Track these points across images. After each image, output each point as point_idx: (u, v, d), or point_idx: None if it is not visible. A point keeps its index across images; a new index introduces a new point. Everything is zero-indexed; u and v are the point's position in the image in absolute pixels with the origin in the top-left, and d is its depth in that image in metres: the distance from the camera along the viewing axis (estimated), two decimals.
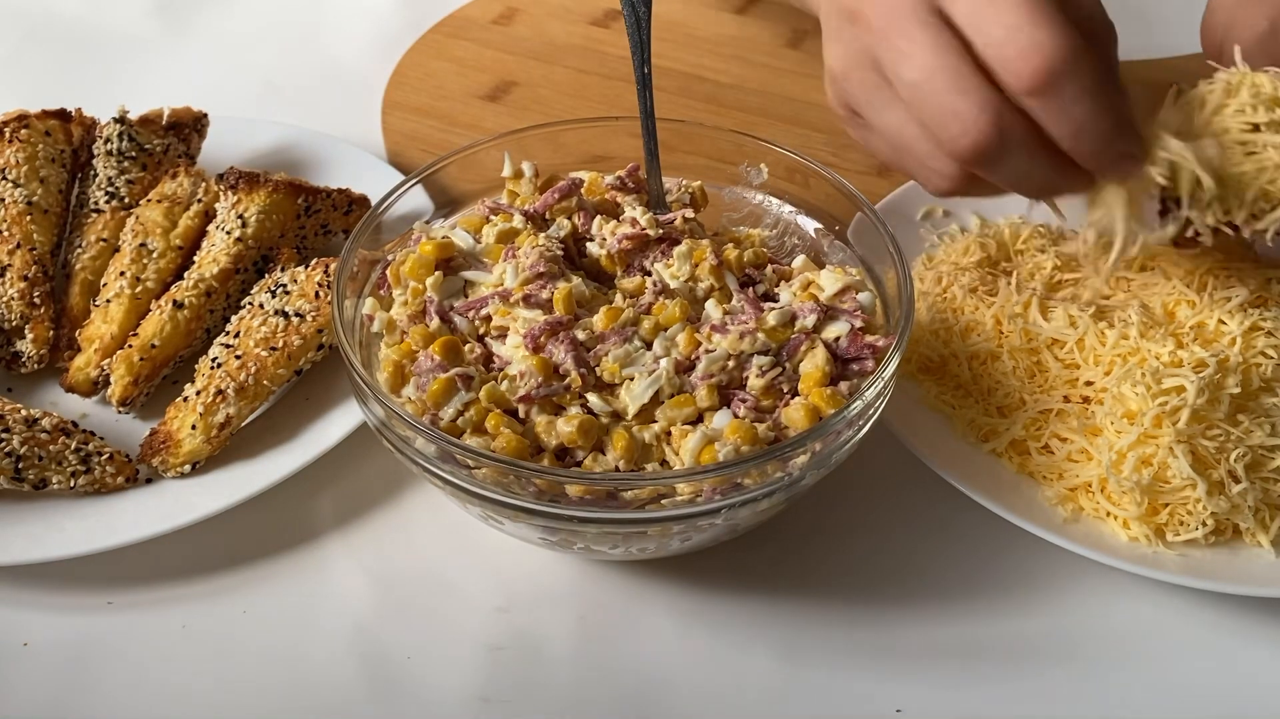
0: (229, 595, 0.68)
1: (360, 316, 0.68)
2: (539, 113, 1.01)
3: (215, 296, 0.78)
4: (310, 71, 1.09)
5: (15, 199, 0.81)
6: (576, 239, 0.71)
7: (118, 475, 0.71)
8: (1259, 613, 0.67)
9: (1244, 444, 0.67)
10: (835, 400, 0.62)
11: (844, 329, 0.65)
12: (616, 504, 0.58)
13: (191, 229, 0.82)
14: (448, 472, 0.60)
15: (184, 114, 0.88)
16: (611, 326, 0.64)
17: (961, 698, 0.64)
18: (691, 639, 0.66)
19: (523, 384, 0.62)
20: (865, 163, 0.94)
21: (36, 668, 0.65)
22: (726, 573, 0.69)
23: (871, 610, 0.67)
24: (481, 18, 1.12)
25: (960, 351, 0.74)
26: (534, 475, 0.58)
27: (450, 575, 0.69)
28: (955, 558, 0.70)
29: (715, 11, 1.12)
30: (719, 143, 0.78)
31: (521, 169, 0.74)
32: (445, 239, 0.69)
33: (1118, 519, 0.67)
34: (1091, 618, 0.67)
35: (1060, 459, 0.69)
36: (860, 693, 0.64)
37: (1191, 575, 0.64)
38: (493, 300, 0.66)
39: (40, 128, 0.85)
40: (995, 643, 0.66)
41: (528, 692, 0.64)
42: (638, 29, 0.73)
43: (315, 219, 0.83)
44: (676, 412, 0.62)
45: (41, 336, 0.77)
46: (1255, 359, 0.70)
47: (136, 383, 0.75)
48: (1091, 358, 0.71)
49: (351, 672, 0.65)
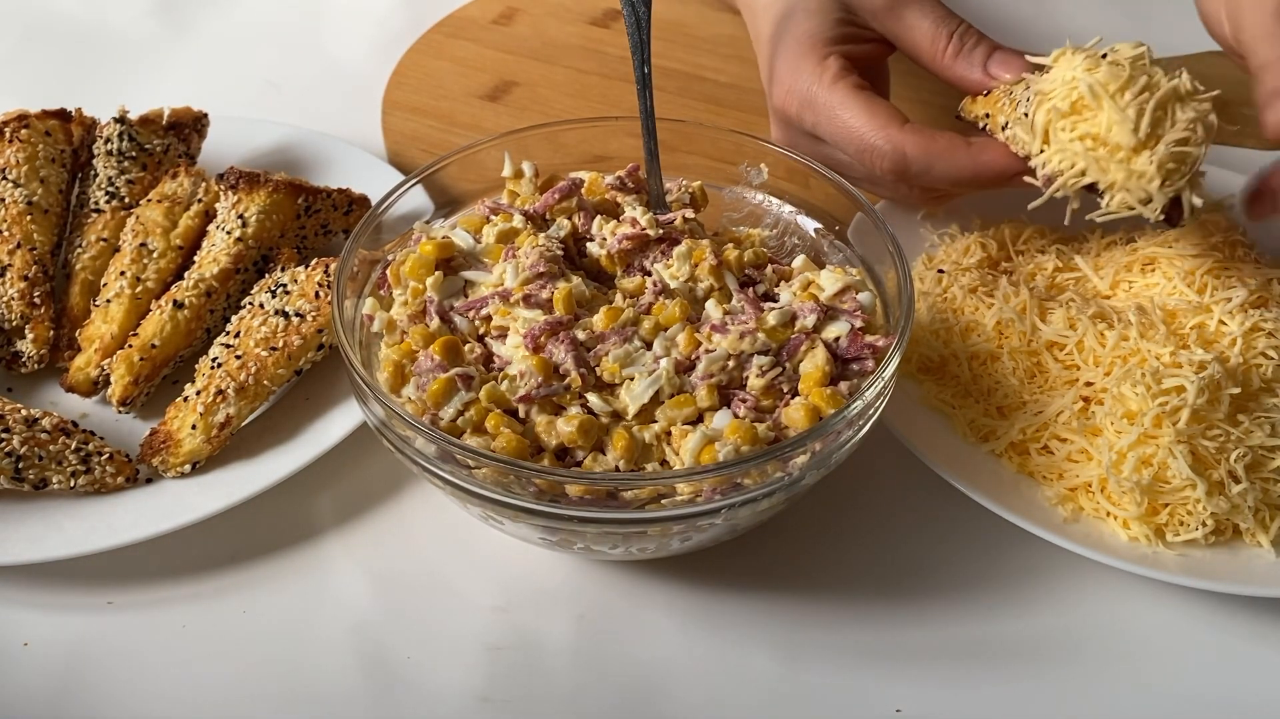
0: (229, 595, 0.68)
1: (360, 316, 0.68)
2: (539, 113, 1.01)
3: (215, 296, 0.78)
4: (310, 71, 1.09)
5: (15, 199, 0.81)
6: (576, 239, 0.71)
7: (118, 475, 0.71)
8: (1259, 613, 0.67)
9: (1244, 444, 0.67)
10: (835, 400, 0.62)
11: (844, 329, 0.65)
12: (616, 504, 0.58)
13: (191, 229, 0.82)
14: (448, 471, 0.60)
15: (184, 114, 0.88)
16: (611, 326, 0.64)
17: (961, 698, 0.64)
18: (691, 639, 0.66)
19: (523, 384, 0.62)
20: None
21: (36, 668, 0.65)
22: (726, 573, 0.69)
23: (871, 610, 0.67)
24: (481, 18, 1.12)
25: (960, 352, 0.74)
26: (534, 475, 0.58)
27: (450, 575, 0.69)
28: (955, 558, 0.70)
29: (715, 11, 1.12)
30: (719, 143, 0.78)
31: (522, 169, 0.74)
32: (445, 239, 0.69)
33: (1118, 519, 0.67)
34: (1091, 618, 0.67)
35: (1060, 459, 0.69)
36: (860, 693, 0.64)
37: (1191, 575, 0.64)
38: (493, 300, 0.66)
39: (40, 128, 0.85)
40: (995, 643, 0.66)
41: (527, 691, 0.64)
42: (638, 29, 0.73)
43: (315, 219, 0.83)
44: (676, 412, 0.62)
45: (41, 336, 0.77)
46: (1255, 360, 0.70)
47: (136, 383, 0.75)
48: (1091, 359, 0.71)
49: (351, 671, 0.65)
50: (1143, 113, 0.64)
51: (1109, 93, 0.65)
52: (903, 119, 0.75)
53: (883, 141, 0.74)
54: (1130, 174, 0.66)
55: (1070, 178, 0.68)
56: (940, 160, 0.73)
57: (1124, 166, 0.66)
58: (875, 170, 0.76)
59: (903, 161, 0.74)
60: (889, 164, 0.75)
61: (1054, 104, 0.67)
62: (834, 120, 0.76)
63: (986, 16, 1.15)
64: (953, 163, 0.73)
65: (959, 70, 0.75)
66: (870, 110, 0.75)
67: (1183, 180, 0.65)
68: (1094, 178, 0.67)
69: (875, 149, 0.75)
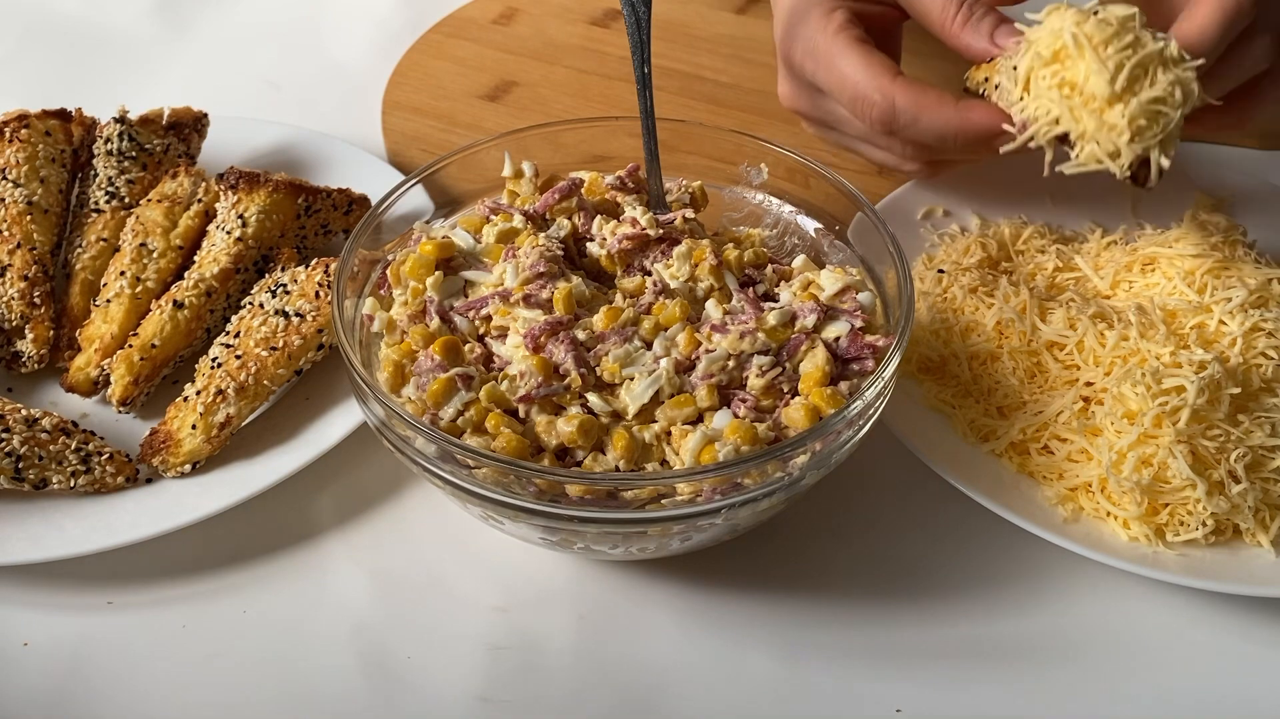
0: (229, 595, 0.68)
1: (360, 316, 0.68)
2: (539, 113, 1.01)
3: (215, 296, 0.78)
4: (310, 71, 1.09)
5: (15, 199, 0.81)
6: (576, 239, 0.71)
7: (118, 475, 0.71)
8: (1259, 612, 0.67)
9: (1244, 444, 0.67)
10: (835, 400, 0.62)
11: (844, 329, 0.65)
12: (617, 504, 0.58)
13: (192, 229, 0.82)
14: (448, 471, 0.60)
15: (184, 114, 0.88)
16: (611, 326, 0.64)
17: (962, 698, 0.64)
18: (691, 639, 0.66)
19: (523, 384, 0.62)
20: (865, 162, 0.94)
21: (36, 668, 0.65)
22: (727, 573, 0.69)
23: (872, 610, 0.67)
24: (481, 18, 1.12)
25: (960, 352, 0.74)
26: (534, 475, 0.58)
27: (450, 576, 0.69)
28: (955, 558, 0.70)
29: (715, 11, 1.12)
30: (719, 143, 0.78)
31: (522, 169, 0.74)
32: (445, 239, 0.69)
33: (1118, 519, 0.66)
34: (1091, 618, 0.67)
35: (1060, 459, 0.69)
36: (860, 693, 0.64)
37: (1192, 575, 0.64)
38: (493, 300, 0.66)
39: (40, 127, 0.85)
40: (996, 643, 0.66)
41: (527, 692, 0.64)
42: (638, 29, 0.73)
43: (315, 219, 0.83)
44: (676, 411, 0.62)
45: (42, 336, 0.77)
46: (1255, 360, 0.70)
47: (137, 383, 0.75)
48: (1091, 358, 0.71)
49: (351, 671, 0.65)
50: (1122, 66, 0.64)
51: (1092, 44, 0.65)
52: (896, 71, 0.76)
53: (874, 90, 0.75)
54: (1101, 125, 0.65)
55: (1044, 124, 0.67)
56: (927, 113, 0.74)
57: (1096, 116, 0.65)
58: (867, 121, 0.77)
59: (891, 111, 0.75)
60: (878, 114, 0.75)
61: (1036, 50, 0.67)
62: (831, 69, 0.77)
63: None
64: (939, 115, 0.74)
65: (966, 39, 0.75)
66: (866, 61, 0.76)
67: (1153, 139, 0.65)
68: (1066, 127, 0.67)
69: (866, 98, 0.75)
